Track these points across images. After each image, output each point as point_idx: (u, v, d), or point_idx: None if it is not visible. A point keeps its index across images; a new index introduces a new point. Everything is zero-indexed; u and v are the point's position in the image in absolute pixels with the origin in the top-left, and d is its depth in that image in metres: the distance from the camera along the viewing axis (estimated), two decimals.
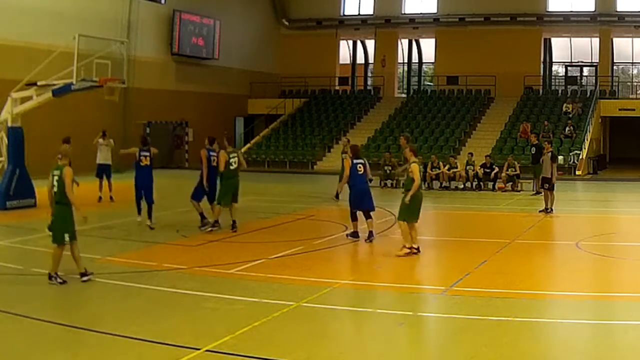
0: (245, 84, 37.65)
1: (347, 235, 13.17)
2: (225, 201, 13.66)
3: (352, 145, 13.72)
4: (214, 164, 13.82)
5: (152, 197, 14.19)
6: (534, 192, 21.20)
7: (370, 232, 12.76)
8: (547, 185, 17.13)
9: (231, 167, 13.64)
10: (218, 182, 13.84)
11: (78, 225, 9.60)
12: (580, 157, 28.52)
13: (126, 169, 28.97)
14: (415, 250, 11.41)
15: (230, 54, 35.88)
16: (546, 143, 18.59)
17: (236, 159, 13.77)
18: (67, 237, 9.38)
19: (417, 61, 41.66)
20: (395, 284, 9.84)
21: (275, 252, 11.57)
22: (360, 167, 12.83)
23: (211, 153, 13.99)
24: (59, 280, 9.22)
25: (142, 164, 14.19)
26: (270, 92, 38.23)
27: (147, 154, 14.23)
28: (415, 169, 11.19)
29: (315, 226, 14.80)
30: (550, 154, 17.41)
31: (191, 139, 33.71)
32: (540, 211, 17.04)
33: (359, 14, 39.36)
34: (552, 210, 16.91)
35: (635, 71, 38.53)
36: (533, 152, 22.13)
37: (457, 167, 23.87)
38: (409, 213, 11.34)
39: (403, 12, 38.47)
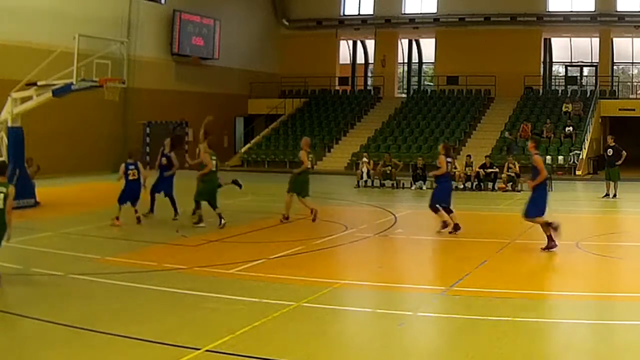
0: (245, 84, 37.64)
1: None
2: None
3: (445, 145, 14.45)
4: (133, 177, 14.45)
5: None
6: (611, 195, 20.24)
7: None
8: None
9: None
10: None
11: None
12: (580, 157, 28.52)
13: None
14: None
15: (230, 54, 35.87)
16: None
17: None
18: None
19: (417, 61, 41.66)
20: (395, 284, 9.84)
21: (275, 252, 11.57)
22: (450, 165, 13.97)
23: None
24: None
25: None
26: (270, 92, 38.23)
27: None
28: None
29: (315, 226, 14.79)
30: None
31: (191, 139, 33.68)
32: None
33: (359, 14, 39.36)
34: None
35: (635, 71, 38.53)
36: (610, 154, 20.47)
37: (456, 168, 23.85)
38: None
39: (403, 12, 38.47)
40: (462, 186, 23.23)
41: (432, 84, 40.48)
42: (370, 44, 41.01)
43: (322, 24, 39.15)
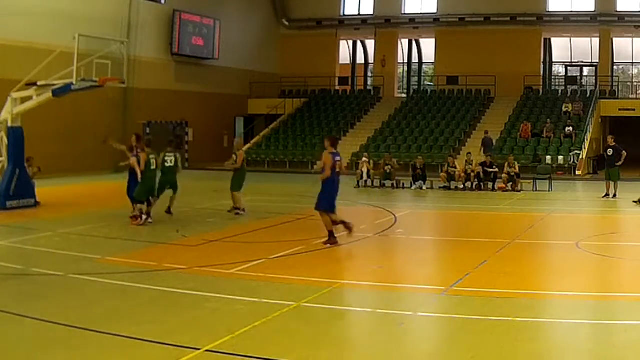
0: (245, 84, 37.65)
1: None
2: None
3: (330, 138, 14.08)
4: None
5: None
6: (612, 195, 20.20)
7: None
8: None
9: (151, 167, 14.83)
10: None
11: None
12: (580, 157, 28.52)
13: (125, 169, 29.12)
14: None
15: (230, 54, 35.88)
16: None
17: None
18: None
19: (417, 61, 41.68)
20: (395, 284, 9.84)
21: (275, 252, 11.57)
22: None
23: None
24: None
25: None
26: (270, 92, 38.23)
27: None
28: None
29: (315, 226, 14.76)
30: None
31: (191, 139, 33.72)
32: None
33: (359, 14, 39.37)
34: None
35: (635, 71, 38.56)
36: (610, 154, 20.35)
37: (456, 168, 23.86)
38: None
39: (403, 12, 38.48)
40: (462, 186, 23.23)
41: (432, 84, 40.48)
42: (370, 44, 41.01)
43: (322, 24, 39.16)
